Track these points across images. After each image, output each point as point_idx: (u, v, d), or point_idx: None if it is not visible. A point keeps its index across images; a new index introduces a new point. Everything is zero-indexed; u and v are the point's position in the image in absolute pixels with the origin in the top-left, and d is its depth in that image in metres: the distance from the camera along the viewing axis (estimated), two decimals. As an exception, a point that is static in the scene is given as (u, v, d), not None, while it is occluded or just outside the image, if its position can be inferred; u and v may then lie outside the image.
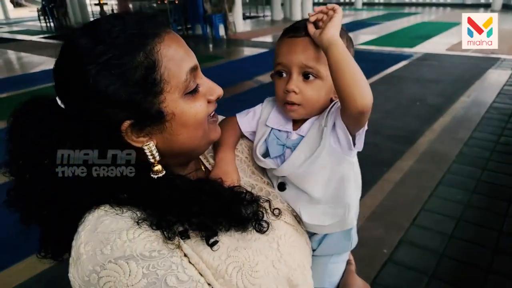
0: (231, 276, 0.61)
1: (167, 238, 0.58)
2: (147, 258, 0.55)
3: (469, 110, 4.83)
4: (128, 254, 0.55)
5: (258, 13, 17.40)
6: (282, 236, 0.73)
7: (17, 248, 2.60)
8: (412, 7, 19.18)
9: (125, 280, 0.53)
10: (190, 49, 0.66)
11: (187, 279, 0.57)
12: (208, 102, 0.68)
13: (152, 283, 0.54)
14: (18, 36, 14.21)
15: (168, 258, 0.57)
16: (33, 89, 6.69)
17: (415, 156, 3.67)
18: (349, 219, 0.81)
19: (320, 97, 0.78)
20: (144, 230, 0.58)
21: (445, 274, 2.22)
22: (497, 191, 3.02)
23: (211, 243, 0.61)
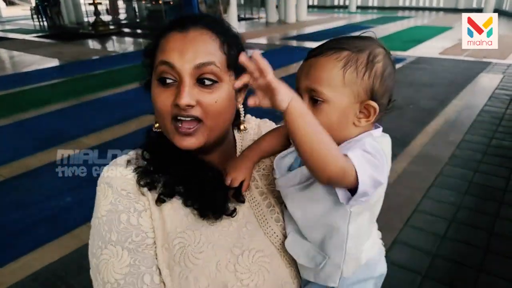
0: (174, 247, 0.70)
1: (137, 183, 0.73)
2: (117, 193, 0.72)
3: (461, 113, 4.90)
4: (111, 183, 0.73)
5: (253, 15, 17.43)
6: (254, 250, 0.73)
7: (12, 247, 2.59)
8: (406, 11, 19.34)
9: (102, 199, 0.72)
10: (192, 52, 0.67)
11: (136, 224, 0.70)
12: (175, 105, 0.68)
13: (112, 211, 0.71)
14: (10, 35, 14.08)
15: (132, 202, 0.72)
16: (25, 88, 6.66)
17: (408, 159, 3.71)
18: (323, 273, 0.72)
19: (331, 123, 0.67)
20: (132, 174, 0.74)
21: (438, 274, 2.26)
22: (488, 193, 3.07)
23: (160, 199, 0.72)
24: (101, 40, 12.43)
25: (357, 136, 0.70)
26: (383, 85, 0.69)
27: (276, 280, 0.74)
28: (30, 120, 5.07)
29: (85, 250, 2.37)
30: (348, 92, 0.67)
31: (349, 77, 0.67)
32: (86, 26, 14.77)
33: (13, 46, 11.31)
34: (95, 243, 0.70)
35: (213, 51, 0.69)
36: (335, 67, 0.67)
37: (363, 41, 0.70)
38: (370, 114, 0.69)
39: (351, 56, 0.67)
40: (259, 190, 0.81)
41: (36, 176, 3.52)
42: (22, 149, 4.10)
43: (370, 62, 0.68)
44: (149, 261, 0.69)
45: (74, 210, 2.97)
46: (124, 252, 0.68)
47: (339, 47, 0.68)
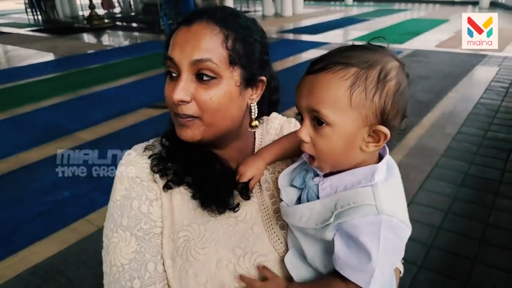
0: (178, 239, 0.71)
1: (151, 170, 0.75)
2: (131, 179, 0.74)
3: (457, 105, 4.92)
4: (128, 169, 0.76)
5: (249, 8, 17.33)
6: (256, 253, 0.72)
7: (12, 241, 2.60)
8: (402, 4, 19.29)
9: (118, 184, 0.75)
10: (192, 46, 0.67)
11: (146, 212, 0.72)
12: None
13: (125, 197, 0.73)
14: (4, 29, 13.94)
15: (145, 190, 0.74)
16: (20, 83, 6.62)
17: (405, 151, 3.73)
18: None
19: (334, 148, 0.61)
20: (147, 162, 0.76)
21: (434, 264, 2.28)
22: (484, 185, 3.10)
23: (168, 185, 0.74)
24: (96, 34, 12.35)
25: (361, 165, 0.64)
26: (396, 106, 0.61)
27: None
28: (26, 114, 5.05)
29: (84, 244, 2.40)
30: (355, 115, 0.59)
31: (356, 98, 0.59)
32: (81, 20, 14.65)
33: (7, 41, 11.21)
34: (108, 225, 0.73)
35: (211, 46, 0.66)
36: (341, 87, 0.59)
37: (373, 54, 0.61)
38: (380, 139, 0.61)
39: (359, 74, 0.59)
40: (269, 193, 0.80)
41: (33, 171, 3.52)
42: (19, 144, 4.09)
43: (381, 80, 0.59)
44: (155, 249, 0.71)
45: (72, 204, 2.97)
46: (132, 238, 0.70)
47: (345, 62, 0.59)
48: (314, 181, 0.68)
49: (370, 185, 0.61)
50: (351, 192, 0.62)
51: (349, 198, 0.61)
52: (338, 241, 0.61)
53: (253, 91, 0.76)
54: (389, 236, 0.58)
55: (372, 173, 0.62)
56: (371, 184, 0.61)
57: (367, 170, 0.63)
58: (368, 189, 0.61)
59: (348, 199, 0.61)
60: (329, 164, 0.64)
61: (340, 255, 0.61)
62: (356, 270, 0.60)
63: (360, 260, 0.59)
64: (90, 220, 2.72)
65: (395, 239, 0.60)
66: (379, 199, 0.59)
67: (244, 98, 0.74)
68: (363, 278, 0.59)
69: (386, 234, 0.58)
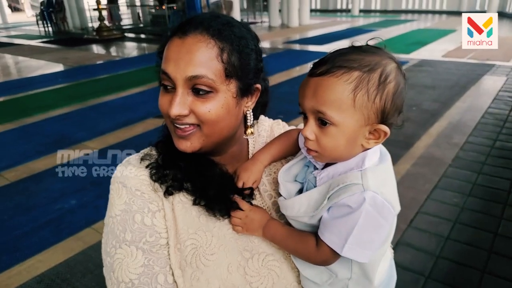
0: (186, 248, 0.71)
1: (150, 178, 0.74)
2: (132, 192, 0.73)
3: (464, 115, 4.89)
4: (125, 183, 0.74)
5: (256, 19, 17.50)
6: (264, 254, 0.74)
7: (19, 249, 2.61)
8: (409, 14, 19.36)
9: (116, 199, 0.73)
10: (187, 62, 0.66)
11: (150, 224, 0.71)
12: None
13: (126, 211, 0.71)
14: (16, 41, 14.23)
15: (146, 202, 0.73)
16: (30, 93, 6.72)
17: (412, 160, 3.71)
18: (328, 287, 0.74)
19: (337, 145, 0.66)
20: (145, 174, 0.75)
21: (442, 275, 2.25)
22: (492, 195, 3.06)
23: (168, 191, 0.73)
24: (105, 45, 12.53)
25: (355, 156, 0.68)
26: (394, 105, 0.66)
27: (285, 284, 0.75)
28: (35, 124, 5.11)
29: (89, 252, 2.41)
30: (358, 116, 0.64)
31: (359, 100, 0.63)
32: (91, 31, 14.89)
33: (19, 52, 11.42)
34: (109, 242, 0.71)
35: (206, 61, 0.66)
36: (345, 90, 0.62)
37: (373, 56, 0.64)
38: (380, 136, 0.67)
39: (362, 78, 0.62)
40: (268, 194, 0.82)
41: (40, 180, 3.55)
42: (27, 153, 4.13)
43: (381, 83, 0.63)
44: (163, 261, 0.70)
45: (78, 213, 2.99)
46: (139, 252, 0.69)
47: (349, 66, 0.63)
48: (313, 174, 0.72)
49: (360, 170, 0.66)
50: (342, 176, 0.67)
51: (340, 181, 0.66)
52: (325, 213, 0.66)
53: (248, 99, 0.76)
54: (370, 211, 0.62)
55: (363, 159, 0.67)
56: (361, 169, 0.66)
57: (359, 158, 0.68)
58: (356, 173, 0.66)
59: (338, 181, 0.66)
60: (330, 158, 0.69)
61: (324, 222, 0.66)
62: (332, 234, 0.65)
63: (339, 227, 0.64)
64: (96, 229, 2.73)
65: (377, 215, 0.63)
66: (366, 178, 0.64)
67: (241, 107, 0.74)
68: (338, 243, 0.64)
69: (368, 208, 0.62)
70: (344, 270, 0.71)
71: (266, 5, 16.64)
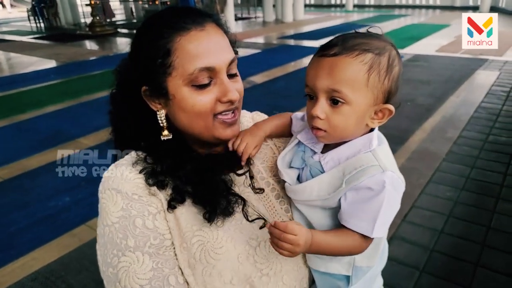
0: (192, 245, 0.70)
1: (146, 183, 0.71)
2: (129, 197, 0.70)
3: (458, 109, 4.92)
4: (119, 188, 0.71)
5: (250, 14, 17.43)
6: (269, 240, 0.73)
7: (13, 247, 2.60)
8: (402, 9, 19.38)
9: (111, 206, 0.70)
10: (222, 49, 0.71)
11: (152, 227, 0.69)
12: (220, 102, 0.72)
13: (125, 217, 0.69)
14: (7, 37, 14.04)
15: (145, 205, 0.71)
16: (22, 90, 6.65)
17: (406, 155, 3.73)
18: (334, 263, 0.77)
19: (348, 124, 0.69)
20: (140, 177, 0.72)
21: (436, 268, 2.27)
22: (485, 188, 3.09)
23: (171, 204, 0.71)
24: (98, 41, 12.41)
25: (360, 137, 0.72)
26: (397, 87, 0.71)
27: (292, 266, 0.77)
28: (28, 121, 5.07)
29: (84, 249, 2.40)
30: (369, 95, 0.68)
31: (372, 80, 0.67)
32: (83, 27, 14.74)
33: (10, 48, 11.28)
34: (109, 252, 0.68)
35: (229, 45, 0.74)
36: (361, 70, 0.66)
37: (379, 41, 0.69)
38: (385, 116, 0.72)
39: (375, 59, 0.67)
40: (265, 181, 0.82)
41: (35, 177, 3.52)
42: (21, 150, 4.10)
43: (389, 66, 0.69)
44: (171, 262, 0.69)
45: (73, 209, 2.97)
46: (145, 256, 0.67)
47: (363, 49, 0.67)
48: (314, 158, 0.75)
49: (369, 151, 0.70)
50: (354, 159, 0.70)
51: (355, 164, 0.69)
52: (345, 199, 0.69)
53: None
54: (391, 190, 0.67)
55: (370, 141, 0.71)
56: (370, 150, 0.70)
57: (365, 139, 0.72)
58: (368, 154, 0.70)
59: (354, 165, 0.69)
60: (336, 137, 0.72)
61: (346, 209, 0.69)
62: (360, 220, 0.67)
63: (365, 211, 0.67)
64: (91, 226, 2.72)
65: (396, 193, 0.69)
66: (380, 159, 0.69)
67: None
68: (367, 227, 0.67)
69: (389, 188, 0.66)
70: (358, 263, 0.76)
71: (260, 0, 16.58)
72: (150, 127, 0.76)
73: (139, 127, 0.77)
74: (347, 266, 0.77)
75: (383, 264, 0.84)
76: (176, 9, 0.73)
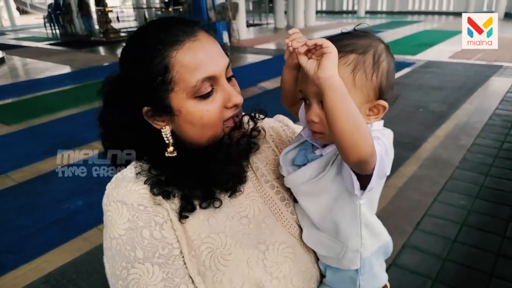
0: (201, 253, 0.70)
1: (151, 193, 0.71)
2: (135, 208, 0.69)
3: (472, 117, 4.85)
4: (124, 200, 0.70)
5: (262, 21, 17.53)
6: (277, 243, 0.75)
7: (26, 250, 2.63)
8: (415, 15, 19.27)
9: (117, 218, 0.69)
10: (217, 56, 0.71)
11: (160, 237, 0.68)
12: (226, 108, 0.72)
13: (132, 228, 0.68)
14: (23, 43, 14.36)
15: (152, 215, 0.69)
16: (37, 95, 6.78)
17: (419, 162, 3.69)
18: (345, 259, 0.76)
19: None
20: (144, 188, 0.71)
21: (449, 278, 2.23)
22: (500, 197, 3.03)
23: (182, 215, 0.71)
24: (112, 47, 12.61)
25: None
26: (389, 81, 0.71)
27: (300, 267, 0.77)
28: (42, 125, 5.15)
29: (96, 253, 2.41)
30: (358, 94, 0.68)
31: (359, 80, 0.68)
32: (97, 33, 14.99)
33: (26, 54, 11.53)
34: (118, 265, 0.67)
35: (221, 49, 0.74)
36: (345, 72, 0.67)
37: (364, 39, 0.70)
38: (379, 112, 0.72)
39: (358, 59, 0.67)
40: (270, 184, 0.82)
41: (48, 180, 3.57)
42: (34, 154, 4.16)
43: (376, 62, 0.69)
44: (181, 271, 0.68)
45: (85, 213, 3.00)
46: (155, 267, 0.66)
47: (344, 51, 0.67)
48: (316, 153, 0.75)
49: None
50: None
51: None
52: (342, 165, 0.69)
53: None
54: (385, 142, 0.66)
55: (370, 127, 0.71)
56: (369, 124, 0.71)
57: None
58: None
59: None
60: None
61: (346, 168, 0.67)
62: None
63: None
64: (102, 229, 2.74)
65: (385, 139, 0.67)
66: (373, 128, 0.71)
67: None
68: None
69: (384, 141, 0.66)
70: (353, 239, 0.74)
71: (272, 6, 16.66)
72: (153, 144, 0.75)
73: (140, 147, 0.76)
74: (356, 259, 0.76)
75: (386, 255, 0.83)
76: (160, 22, 0.71)
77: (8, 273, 2.40)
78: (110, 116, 0.76)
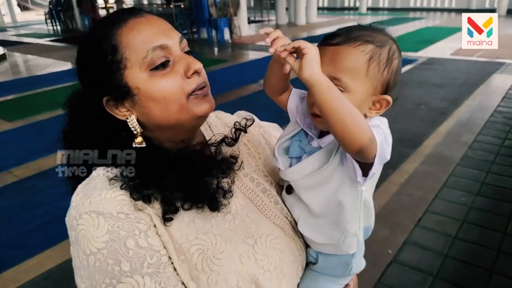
0: (192, 256, 0.67)
1: (132, 198, 0.66)
2: (114, 217, 0.63)
3: (473, 113, 4.84)
4: (100, 210, 0.63)
5: (263, 17, 17.47)
6: (264, 235, 0.75)
7: (28, 245, 2.64)
8: (417, 12, 19.19)
9: (93, 231, 0.62)
10: (168, 29, 0.71)
11: (146, 246, 0.63)
12: (188, 78, 0.69)
13: (113, 240, 0.62)
14: (25, 39, 14.35)
15: (134, 223, 0.64)
16: (39, 91, 6.78)
17: (420, 159, 3.69)
18: (344, 245, 0.77)
19: None
20: (122, 194, 0.66)
21: (449, 274, 2.23)
22: (501, 194, 3.03)
23: (166, 218, 0.67)
24: (113, 43, 12.57)
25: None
26: (396, 80, 0.73)
27: (289, 257, 0.78)
28: (43, 122, 5.16)
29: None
30: (369, 85, 0.70)
31: (372, 70, 0.69)
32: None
33: (28, 50, 11.53)
34: (99, 283, 0.61)
35: (173, 28, 0.73)
36: (362, 60, 0.68)
37: (382, 35, 0.72)
38: (382, 107, 0.73)
39: (375, 51, 0.69)
40: (249, 177, 0.82)
41: (49, 177, 3.57)
42: (36, 150, 4.17)
43: (389, 59, 0.71)
44: (173, 279, 0.64)
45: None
46: (146, 278, 0.61)
47: (365, 40, 0.69)
48: (313, 144, 0.76)
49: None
50: None
51: None
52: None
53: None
54: (384, 129, 0.68)
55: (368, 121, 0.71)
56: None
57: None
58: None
59: None
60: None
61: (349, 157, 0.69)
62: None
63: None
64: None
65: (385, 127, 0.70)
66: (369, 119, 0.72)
67: None
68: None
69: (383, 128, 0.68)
70: (353, 223, 0.76)
71: (273, 3, 16.61)
72: (118, 141, 0.71)
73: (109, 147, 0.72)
74: (354, 243, 0.78)
75: (367, 236, 0.85)
76: (110, 14, 0.72)
77: (10, 269, 2.41)
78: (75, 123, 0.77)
